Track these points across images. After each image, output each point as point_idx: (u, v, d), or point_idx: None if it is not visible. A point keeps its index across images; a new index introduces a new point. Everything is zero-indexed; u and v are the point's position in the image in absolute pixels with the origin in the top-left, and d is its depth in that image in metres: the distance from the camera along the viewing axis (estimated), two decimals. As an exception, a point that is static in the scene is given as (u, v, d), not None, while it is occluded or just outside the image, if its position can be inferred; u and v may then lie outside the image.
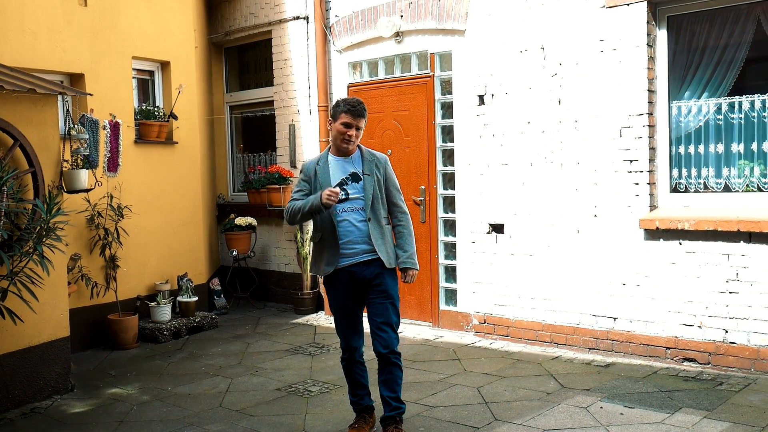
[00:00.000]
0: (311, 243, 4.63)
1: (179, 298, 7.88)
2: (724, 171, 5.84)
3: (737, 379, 5.41)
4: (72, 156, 6.49)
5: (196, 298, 7.98)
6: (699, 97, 5.95)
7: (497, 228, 6.91)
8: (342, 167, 4.55)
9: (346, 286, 4.53)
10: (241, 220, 8.79)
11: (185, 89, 8.14)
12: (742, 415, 4.71)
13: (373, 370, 4.66)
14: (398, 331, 4.58)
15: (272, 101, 9.06)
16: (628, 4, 5.99)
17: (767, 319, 5.45)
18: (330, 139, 4.65)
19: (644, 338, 6.04)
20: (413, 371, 6.00)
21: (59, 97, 6.32)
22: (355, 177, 4.53)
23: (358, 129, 4.50)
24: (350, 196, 4.50)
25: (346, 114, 4.47)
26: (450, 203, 7.45)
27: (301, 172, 4.68)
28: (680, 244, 5.83)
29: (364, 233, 4.48)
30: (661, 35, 6.03)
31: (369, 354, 4.73)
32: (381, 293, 4.52)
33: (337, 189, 4.37)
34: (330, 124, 4.57)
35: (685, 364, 5.84)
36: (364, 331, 4.70)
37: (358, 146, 4.63)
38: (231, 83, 9.84)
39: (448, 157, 7.43)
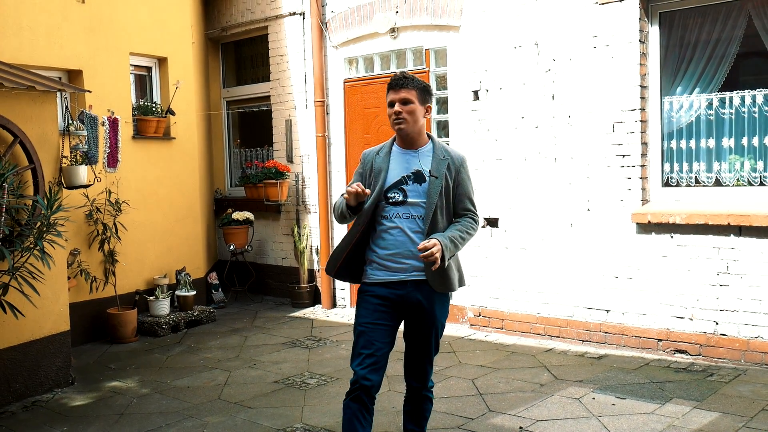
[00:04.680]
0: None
1: (177, 293, 7.95)
2: (715, 166, 5.92)
3: (727, 371, 5.50)
4: (71, 152, 6.55)
5: (195, 292, 8.05)
6: (690, 93, 6.02)
7: (492, 222, 6.99)
8: (405, 162, 3.66)
9: (388, 307, 3.63)
10: (238, 215, 8.85)
11: (182, 85, 8.19)
12: (731, 405, 4.79)
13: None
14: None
15: (269, 96, 9.11)
16: (620, 1, 6.05)
17: (757, 311, 5.54)
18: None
19: (636, 330, 6.13)
20: (409, 364, 6.07)
21: (58, 94, 6.37)
22: (418, 177, 3.63)
23: (405, 103, 3.56)
24: (408, 200, 3.60)
25: (388, 92, 3.63)
26: (445, 197, 7.50)
27: (360, 162, 3.82)
28: (672, 237, 5.91)
29: (416, 248, 3.52)
30: (653, 31, 6.10)
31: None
32: (430, 323, 3.67)
33: (358, 188, 3.47)
34: None
35: (676, 355, 5.93)
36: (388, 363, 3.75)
37: (431, 139, 3.73)
38: (228, 79, 9.88)
39: (444, 151, 7.48)
